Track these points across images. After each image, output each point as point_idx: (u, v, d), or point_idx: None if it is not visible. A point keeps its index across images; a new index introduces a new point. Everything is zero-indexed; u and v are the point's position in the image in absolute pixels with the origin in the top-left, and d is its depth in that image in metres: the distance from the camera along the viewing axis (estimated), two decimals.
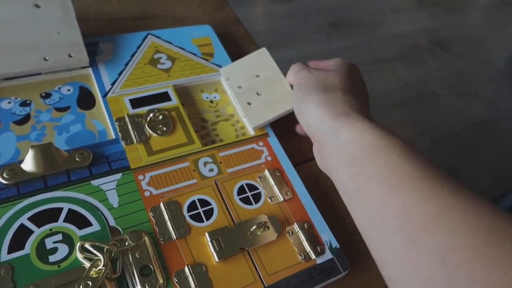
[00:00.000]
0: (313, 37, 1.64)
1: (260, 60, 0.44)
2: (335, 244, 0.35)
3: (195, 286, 0.30)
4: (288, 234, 0.35)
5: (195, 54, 0.47)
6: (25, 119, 0.37)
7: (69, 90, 0.40)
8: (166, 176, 0.36)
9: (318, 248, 0.35)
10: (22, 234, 0.30)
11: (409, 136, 1.44)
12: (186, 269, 0.31)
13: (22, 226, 0.31)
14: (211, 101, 0.43)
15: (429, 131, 1.48)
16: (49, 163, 0.33)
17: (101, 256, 0.29)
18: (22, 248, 0.30)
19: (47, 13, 0.42)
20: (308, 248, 0.34)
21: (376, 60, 1.65)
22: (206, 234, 0.33)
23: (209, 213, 0.34)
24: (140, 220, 0.33)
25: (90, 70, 0.42)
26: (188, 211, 0.34)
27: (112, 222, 0.32)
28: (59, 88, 0.40)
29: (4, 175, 0.32)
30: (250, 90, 0.42)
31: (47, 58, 0.40)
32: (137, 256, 0.31)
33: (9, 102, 0.38)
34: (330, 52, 1.60)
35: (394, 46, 1.76)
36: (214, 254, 0.32)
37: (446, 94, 1.66)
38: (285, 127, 0.43)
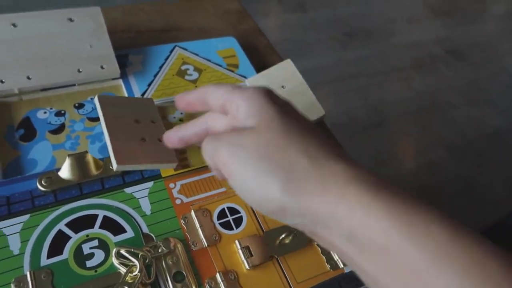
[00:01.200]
0: (327, 47, 1.65)
1: (285, 71, 0.45)
2: None
3: None
4: (316, 243, 0.35)
5: (220, 66, 0.48)
6: (60, 128, 0.39)
7: None
8: (196, 184, 0.37)
9: None
10: (61, 240, 0.31)
11: (424, 145, 1.43)
12: (218, 276, 0.32)
13: (60, 232, 0.32)
14: None
15: (444, 141, 1.47)
16: (85, 171, 0.35)
17: (136, 262, 0.30)
18: (61, 253, 0.31)
19: (80, 27, 0.43)
20: (336, 257, 0.35)
21: (390, 69, 1.66)
22: (236, 241, 0.33)
23: (238, 221, 0.35)
24: (172, 228, 0.34)
25: (121, 81, 0.43)
26: (218, 219, 0.35)
27: (145, 229, 0.33)
28: (91, 98, 0.42)
29: (43, 182, 0.34)
30: None
31: (80, 70, 0.41)
32: (170, 262, 0.31)
33: (45, 112, 0.40)
34: (344, 61, 1.61)
35: (408, 56, 1.77)
36: (245, 262, 0.32)
37: (461, 103, 1.66)
38: None
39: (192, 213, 0.34)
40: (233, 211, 0.36)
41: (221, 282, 0.31)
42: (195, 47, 0.49)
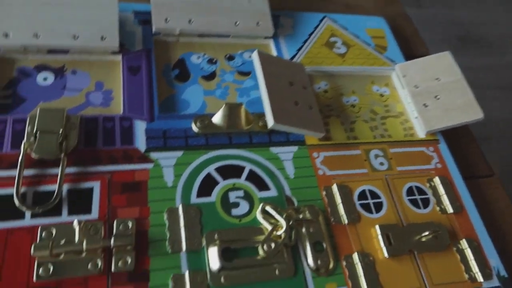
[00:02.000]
0: (438, 48, 1.55)
1: (441, 63, 0.42)
2: (503, 272, 0.33)
3: (363, 275, 0.30)
4: (455, 249, 0.33)
5: (368, 44, 0.46)
6: (211, 76, 0.39)
7: (250, 56, 0.42)
8: (339, 159, 0.36)
9: (486, 271, 0.32)
10: (209, 183, 0.32)
11: None
12: (355, 255, 0.31)
13: (209, 175, 0.32)
14: (381, 95, 0.42)
15: None
16: (236, 122, 0.35)
17: (283, 222, 0.30)
18: (209, 195, 0.31)
19: None
20: (475, 268, 0.32)
21: (503, 85, 1.52)
22: (377, 226, 0.32)
23: (378, 206, 0.34)
24: (313, 196, 0.33)
25: (271, 41, 0.43)
26: (358, 199, 0.34)
27: (287, 192, 0.33)
28: (241, 52, 0.42)
29: (197, 124, 0.34)
30: (428, 92, 0.40)
31: (237, 23, 0.41)
32: (311, 230, 0.31)
33: (198, 57, 0.40)
34: None
35: None
36: (384, 249, 0.31)
37: None
38: (457, 137, 0.41)
39: (334, 186, 0.33)
40: (374, 195, 0.34)
41: (359, 263, 0.30)
42: (344, 21, 0.47)
